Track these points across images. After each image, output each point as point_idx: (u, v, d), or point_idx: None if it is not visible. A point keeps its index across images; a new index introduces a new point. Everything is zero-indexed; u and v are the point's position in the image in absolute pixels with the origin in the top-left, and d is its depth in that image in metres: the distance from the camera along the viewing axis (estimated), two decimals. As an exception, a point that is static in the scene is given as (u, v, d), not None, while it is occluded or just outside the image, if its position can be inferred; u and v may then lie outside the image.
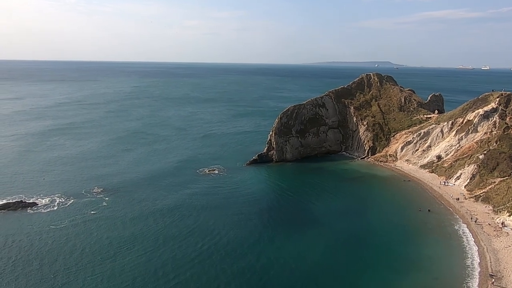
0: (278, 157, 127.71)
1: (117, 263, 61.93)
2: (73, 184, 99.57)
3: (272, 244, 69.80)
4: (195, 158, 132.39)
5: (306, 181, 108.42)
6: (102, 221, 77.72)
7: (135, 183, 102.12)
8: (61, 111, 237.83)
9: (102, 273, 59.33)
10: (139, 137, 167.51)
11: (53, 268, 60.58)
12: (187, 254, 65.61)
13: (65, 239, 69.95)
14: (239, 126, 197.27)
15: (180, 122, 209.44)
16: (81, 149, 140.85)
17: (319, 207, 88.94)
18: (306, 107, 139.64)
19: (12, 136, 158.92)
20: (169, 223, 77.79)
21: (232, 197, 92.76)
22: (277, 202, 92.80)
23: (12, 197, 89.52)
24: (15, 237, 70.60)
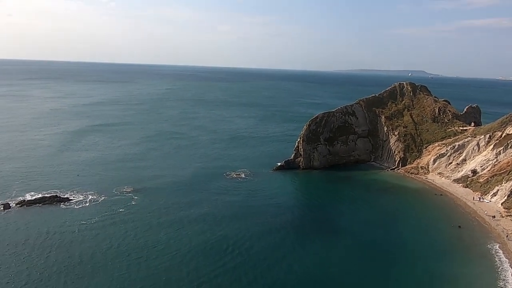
0: (305, 164, 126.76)
1: (142, 262, 63.25)
2: (104, 182, 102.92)
3: (297, 252, 69.12)
4: (222, 160, 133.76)
5: (333, 189, 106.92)
6: (131, 220, 79.67)
7: (163, 184, 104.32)
8: (97, 110, 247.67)
9: (129, 270, 60.87)
10: (169, 137, 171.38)
11: (83, 261, 62.77)
12: (210, 255, 66.13)
13: (96, 234, 72.36)
14: (267, 131, 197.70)
15: (209, 124, 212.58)
16: (113, 148, 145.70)
17: (346, 217, 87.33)
18: (336, 114, 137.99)
19: (51, 133, 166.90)
20: (196, 225, 78.62)
21: (258, 203, 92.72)
22: (303, 209, 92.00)
23: (48, 191, 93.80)
24: (50, 230, 73.79)
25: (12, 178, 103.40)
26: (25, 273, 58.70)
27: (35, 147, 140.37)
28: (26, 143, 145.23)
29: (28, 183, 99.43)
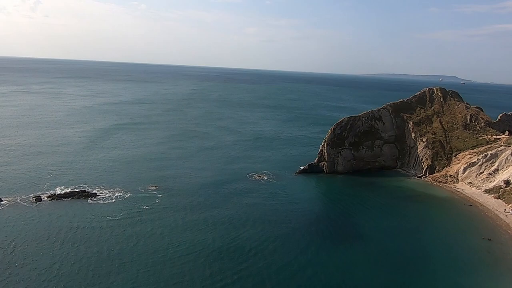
0: (329, 169, 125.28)
1: (167, 260, 64.23)
2: (130, 179, 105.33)
3: (321, 258, 68.31)
4: (245, 161, 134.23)
5: (357, 195, 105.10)
6: (156, 218, 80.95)
7: (187, 183, 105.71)
8: (125, 109, 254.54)
9: (154, 265, 62.12)
10: (193, 136, 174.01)
11: (110, 256, 64.51)
12: (234, 257, 66.40)
13: (123, 231, 74.14)
14: (290, 133, 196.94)
15: (233, 125, 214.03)
16: (139, 146, 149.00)
17: (370, 224, 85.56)
18: (362, 119, 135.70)
19: (82, 130, 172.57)
20: (219, 226, 79.06)
21: (281, 207, 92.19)
22: (327, 215, 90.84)
23: (77, 186, 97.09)
24: (79, 224, 76.29)
25: (44, 172, 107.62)
26: (57, 265, 60.91)
27: (66, 143, 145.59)
28: (58, 139, 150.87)
29: (58, 178, 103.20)
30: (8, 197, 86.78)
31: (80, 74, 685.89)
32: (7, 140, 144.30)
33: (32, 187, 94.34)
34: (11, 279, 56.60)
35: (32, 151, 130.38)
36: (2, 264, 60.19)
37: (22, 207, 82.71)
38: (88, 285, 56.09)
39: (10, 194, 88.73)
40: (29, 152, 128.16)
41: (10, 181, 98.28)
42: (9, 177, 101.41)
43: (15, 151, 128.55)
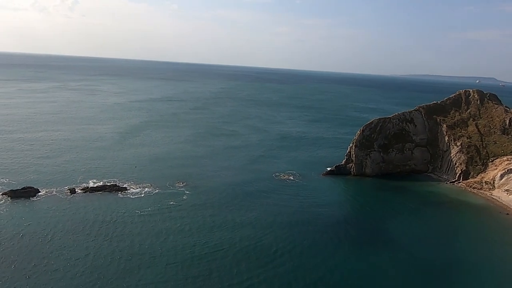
0: (357, 171, 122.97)
1: (195, 257, 65.15)
2: (158, 175, 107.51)
3: (348, 261, 67.28)
4: (272, 160, 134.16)
5: (386, 199, 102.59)
6: (185, 215, 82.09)
7: (214, 181, 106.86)
8: (156, 106, 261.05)
9: (182, 261, 63.32)
10: (220, 134, 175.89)
11: (142, 248, 66.38)
12: (261, 257, 66.42)
13: (152, 226, 75.83)
14: (317, 134, 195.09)
15: (260, 124, 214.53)
16: (167, 142, 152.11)
17: (400, 229, 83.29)
18: (392, 121, 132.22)
19: (114, 126, 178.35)
20: (246, 226, 79.09)
21: (308, 209, 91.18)
22: (353, 217, 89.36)
23: (108, 180, 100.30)
24: (111, 217, 78.81)
25: (78, 165, 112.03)
26: (90, 256, 63.29)
27: (98, 138, 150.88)
28: (92, 134, 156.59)
29: (91, 171, 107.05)
30: (46, 188, 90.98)
31: (114, 72, 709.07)
32: (46, 134, 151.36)
33: (67, 180, 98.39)
34: (48, 268, 59.27)
35: (67, 145, 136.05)
36: (40, 253, 63.17)
37: (58, 199, 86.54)
38: (119, 277, 57.83)
39: (47, 186, 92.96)
40: (65, 146, 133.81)
41: (47, 173, 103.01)
42: (46, 169, 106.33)
43: (52, 145, 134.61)
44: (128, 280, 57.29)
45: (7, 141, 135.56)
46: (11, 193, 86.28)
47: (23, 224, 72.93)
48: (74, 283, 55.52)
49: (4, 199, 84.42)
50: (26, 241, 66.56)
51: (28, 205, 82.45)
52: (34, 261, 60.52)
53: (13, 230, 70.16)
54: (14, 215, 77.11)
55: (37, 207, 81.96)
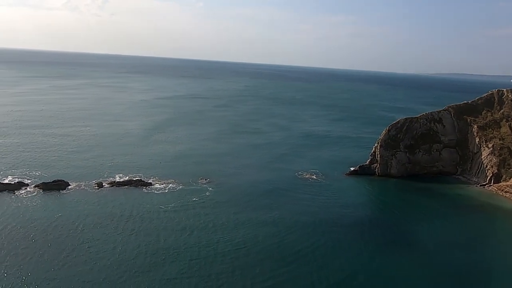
0: (382, 171, 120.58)
1: (218, 254, 65.79)
2: (182, 171, 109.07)
3: (372, 264, 66.15)
4: (295, 159, 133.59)
5: (411, 201, 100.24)
6: (209, 213, 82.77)
7: (237, 178, 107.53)
8: (181, 103, 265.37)
9: (206, 257, 64.06)
10: (243, 131, 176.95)
11: (167, 243, 67.72)
12: (284, 256, 66.14)
13: (178, 221, 77.20)
14: (341, 132, 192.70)
15: (284, 122, 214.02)
16: (191, 139, 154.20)
17: (427, 233, 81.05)
18: (419, 121, 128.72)
19: (140, 122, 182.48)
20: (269, 226, 78.89)
21: (331, 210, 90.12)
22: (378, 219, 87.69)
23: (134, 175, 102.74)
24: (137, 211, 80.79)
25: (105, 160, 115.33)
26: (118, 249, 65.16)
27: (125, 134, 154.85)
28: (119, 130, 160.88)
29: (117, 166, 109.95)
30: (75, 182, 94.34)
31: (141, 70, 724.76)
32: (76, 129, 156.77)
33: (95, 174, 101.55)
34: (78, 259, 61.39)
35: (95, 140, 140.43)
36: (70, 244, 65.57)
37: (86, 192, 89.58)
38: (144, 271, 59.13)
39: (77, 179, 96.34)
40: (93, 142, 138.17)
41: (77, 167, 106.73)
42: (76, 164, 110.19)
43: (82, 140, 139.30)
44: (153, 274, 58.58)
45: (40, 136, 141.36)
46: (43, 186, 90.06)
47: (55, 215, 75.95)
48: (102, 275, 57.24)
49: (36, 191, 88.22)
50: (57, 232, 69.29)
51: (59, 198, 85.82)
52: (65, 252, 62.95)
53: (45, 221, 73.17)
54: (46, 207, 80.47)
55: (67, 199, 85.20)
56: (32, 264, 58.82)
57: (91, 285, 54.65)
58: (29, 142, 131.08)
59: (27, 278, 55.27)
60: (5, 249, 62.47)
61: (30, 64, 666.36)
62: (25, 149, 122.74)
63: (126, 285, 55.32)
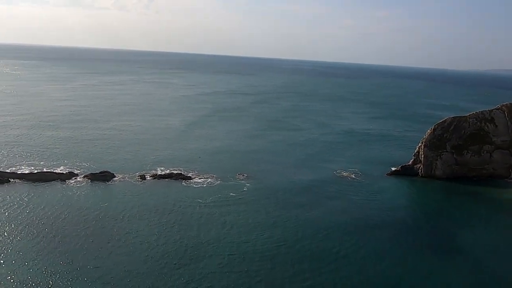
0: (425, 172, 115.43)
1: (257, 249, 66.15)
2: (220, 166, 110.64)
3: (418, 271, 63.25)
4: (333, 157, 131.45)
5: (457, 204, 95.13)
6: (247, 209, 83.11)
7: (274, 173, 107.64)
8: (220, 99, 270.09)
9: (245, 254, 64.34)
10: (281, 128, 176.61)
11: (206, 237, 69.07)
12: (323, 256, 65.26)
13: (217, 216, 78.54)
14: (382, 130, 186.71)
15: (322, 118, 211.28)
16: (229, 135, 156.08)
17: (472, 238, 76.72)
18: (468, 120, 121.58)
19: (181, 117, 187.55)
20: (307, 226, 77.79)
21: (371, 208, 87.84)
22: (422, 223, 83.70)
23: (174, 168, 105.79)
24: (179, 204, 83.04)
25: (148, 153, 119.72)
26: (159, 240, 67.26)
27: (167, 128, 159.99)
28: (161, 125, 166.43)
29: (159, 159, 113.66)
30: (119, 174, 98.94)
31: (184, 66, 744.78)
32: (121, 123, 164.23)
33: (138, 166, 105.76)
34: (122, 249, 63.94)
35: (139, 134, 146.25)
36: (116, 234, 68.60)
37: (130, 184, 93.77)
38: (185, 264, 60.32)
39: (121, 171, 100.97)
40: (137, 135, 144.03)
41: (121, 160, 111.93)
42: (120, 156, 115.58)
43: (126, 134, 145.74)
44: (193, 267, 59.67)
45: (89, 129, 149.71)
46: (91, 176, 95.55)
47: (102, 205, 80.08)
48: (144, 266, 59.08)
49: (85, 181, 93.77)
50: (105, 222, 72.88)
51: (105, 188, 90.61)
52: (111, 241, 65.91)
53: (93, 210, 77.26)
54: (93, 196, 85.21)
55: (112, 190, 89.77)
56: (81, 251, 62.16)
57: (134, 275, 56.61)
58: (79, 135, 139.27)
59: (75, 265, 58.32)
60: (55, 235, 66.74)
61: (82, 61, 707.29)
62: (76, 141, 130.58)
63: (167, 276, 56.84)
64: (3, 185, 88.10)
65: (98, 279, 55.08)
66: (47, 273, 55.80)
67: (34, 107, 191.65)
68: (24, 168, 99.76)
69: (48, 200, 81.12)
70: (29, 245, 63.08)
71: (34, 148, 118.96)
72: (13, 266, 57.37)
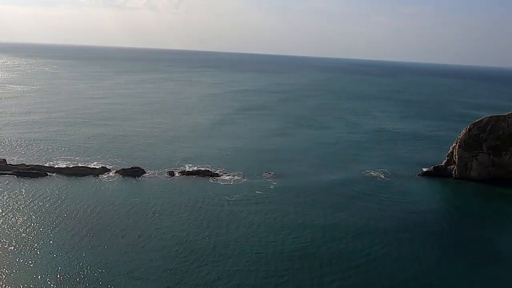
0: (459, 174, 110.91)
1: (286, 247, 66.07)
2: (247, 164, 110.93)
3: (452, 279, 60.94)
4: (361, 156, 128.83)
5: (494, 208, 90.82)
6: (275, 208, 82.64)
7: (301, 172, 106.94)
8: (248, 97, 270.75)
9: (273, 253, 64.04)
10: (310, 126, 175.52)
11: (235, 234, 69.25)
12: (353, 259, 63.90)
13: (245, 214, 78.90)
14: (413, 129, 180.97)
15: (351, 117, 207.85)
16: (257, 132, 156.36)
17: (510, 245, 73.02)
18: (507, 119, 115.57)
19: (209, 115, 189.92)
20: (334, 221, 77.41)
21: (402, 210, 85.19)
22: (456, 228, 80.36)
23: (202, 165, 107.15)
24: (204, 199, 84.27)
25: (176, 150, 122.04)
26: (185, 233, 68.91)
27: (195, 126, 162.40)
28: (189, 122, 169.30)
29: (187, 156, 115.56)
30: (149, 170, 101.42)
31: (213, 64, 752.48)
32: (151, 121, 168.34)
33: (167, 163, 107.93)
34: (153, 245, 65.12)
35: (168, 131, 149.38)
36: (147, 229, 70.19)
37: (159, 180, 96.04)
38: (213, 261, 60.63)
39: (151, 167, 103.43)
40: (166, 133, 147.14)
41: (151, 156, 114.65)
42: (150, 153, 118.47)
43: (156, 131, 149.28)
44: (220, 264, 59.87)
45: (120, 126, 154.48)
46: (122, 172, 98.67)
47: (133, 200, 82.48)
48: (174, 262, 59.94)
49: (117, 176, 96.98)
50: (136, 217, 74.82)
51: (136, 184, 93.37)
52: (142, 236, 67.34)
53: (125, 205, 79.68)
54: (125, 191, 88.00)
55: (143, 186, 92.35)
56: (112, 245, 64.11)
57: (163, 271, 57.59)
58: (111, 132, 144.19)
59: (106, 259, 60.05)
60: (89, 229, 69.36)
61: (114, 61, 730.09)
62: (108, 137, 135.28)
63: (195, 273, 57.48)
64: (42, 178, 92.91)
65: (128, 274, 56.48)
66: (79, 265, 57.95)
67: (71, 105, 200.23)
68: (60, 162, 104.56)
69: (82, 194, 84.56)
70: (64, 237, 65.98)
71: (70, 144, 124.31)
72: (48, 256, 60.15)
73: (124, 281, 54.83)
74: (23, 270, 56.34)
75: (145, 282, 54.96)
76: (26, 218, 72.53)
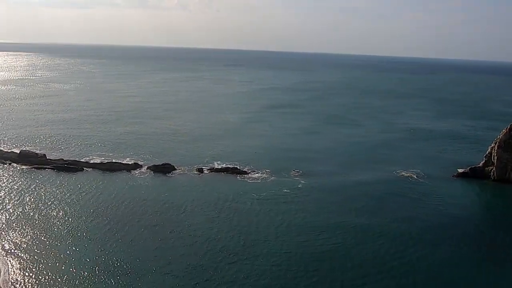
0: (498, 176, 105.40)
1: (316, 248, 65.59)
2: (275, 162, 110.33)
3: (494, 286, 58.63)
4: (393, 156, 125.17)
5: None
6: (304, 208, 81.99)
7: (330, 171, 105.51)
8: (275, 94, 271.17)
9: (303, 253, 63.53)
10: (339, 124, 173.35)
11: (264, 233, 69.36)
12: (386, 263, 62.32)
13: (269, 210, 79.19)
14: (448, 129, 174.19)
15: (382, 115, 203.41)
16: (285, 130, 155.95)
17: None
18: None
19: (236, 113, 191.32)
20: (366, 224, 75.52)
21: (437, 214, 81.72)
22: (496, 233, 76.34)
23: (230, 162, 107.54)
24: (232, 197, 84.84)
25: (205, 148, 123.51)
26: (215, 230, 69.90)
27: (224, 124, 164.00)
28: (218, 120, 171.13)
29: (216, 154, 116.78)
30: (179, 167, 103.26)
31: (243, 63, 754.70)
32: (181, 119, 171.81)
33: (196, 160, 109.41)
34: (183, 241, 65.98)
35: (198, 129, 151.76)
36: (178, 225, 71.59)
37: (189, 176, 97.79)
38: (241, 259, 60.81)
39: (181, 164, 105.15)
40: (196, 130, 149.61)
41: (181, 153, 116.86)
42: (180, 150, 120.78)
43: (186, 129, 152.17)
44: (250, 263, 59.96)
45: (152, 124, 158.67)
46: (154, 168, 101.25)
47: (164, 196, 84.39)
48: (204, 259, 60.36)
49: (148, 172, 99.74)
50: (167, 213, 76.45)
51: (167, 180, 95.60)
52: (173, 233, 68.48)
53: (156, 201, 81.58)
54: (156, 187, 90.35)
55: (173, 182, 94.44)
56: (143, 241, 65.62)
57: (193, 267, 58.23)
58: (143, 129, 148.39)
59: (136, 254, 61.24)
60: (122, 223, 71.45)
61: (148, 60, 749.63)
62: (140, 134, 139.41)
63: (225, 271, 57.83)
64: (79, 173, 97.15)
65: (158, 270, 57.53)
66: (112, 259, 59.70)
67: (105, 102, 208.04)
68: (95, 158, 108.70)
69: (116, 189, 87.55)
70: (97, 230, 68.50)
71: (105, 140, 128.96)
72: (83, 248, 62.59)
73: (155, 276, 56.02)
74: (58, 261, 58.80)
75: (175, 278, 55.93)
76: (63, 211, 75.92)
